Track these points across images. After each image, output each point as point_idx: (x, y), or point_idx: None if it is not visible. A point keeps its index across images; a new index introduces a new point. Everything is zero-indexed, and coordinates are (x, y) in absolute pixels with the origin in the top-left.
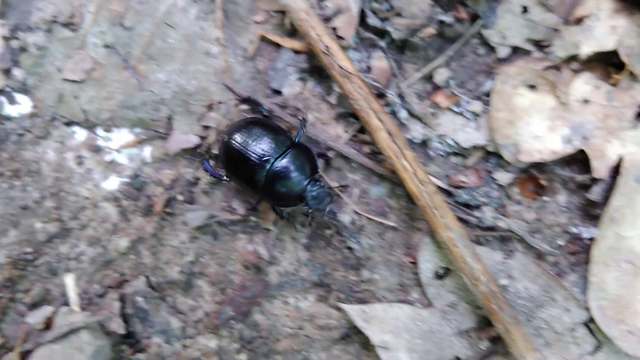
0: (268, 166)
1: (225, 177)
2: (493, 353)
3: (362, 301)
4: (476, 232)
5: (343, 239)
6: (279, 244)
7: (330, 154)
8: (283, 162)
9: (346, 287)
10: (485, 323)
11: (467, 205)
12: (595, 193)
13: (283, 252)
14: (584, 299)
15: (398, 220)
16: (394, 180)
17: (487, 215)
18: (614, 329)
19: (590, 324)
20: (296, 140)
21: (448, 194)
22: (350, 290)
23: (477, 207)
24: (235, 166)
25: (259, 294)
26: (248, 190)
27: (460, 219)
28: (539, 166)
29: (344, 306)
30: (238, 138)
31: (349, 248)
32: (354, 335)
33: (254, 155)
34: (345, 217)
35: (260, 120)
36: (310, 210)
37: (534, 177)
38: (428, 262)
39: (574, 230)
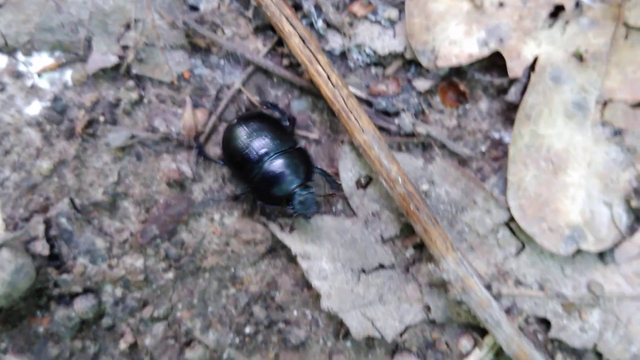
0: (265, 161)
1: (220, 161)
2: (418, 260)
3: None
4: (396, 139)
5: None
6: (203, 162)
7: (250, 68)
8: (279, 161)
9: None
10: (408, 231)
11: (386, 113)
12: (512, 94)
13: (207, 169)
14: (504, 200)
15: (321, 134)
16: (315, 93)
17: (406, 121)
18: (535, 227)
19: (511, 223)
20: (297, 142)
21: (369, 104)
22: None
23: (396, 114)
24: (234, 154)
25: (184, 212)
26: (240, 180)
27: (380, 128)
28: (459, 73)
29: (270, 224)
30: (244, 128)
31: None
32: (279, 249)
33: (254, 148)
34: None
35: (269, 117)
36: (294, 214)
37: (454, 84)
38: (349, 170)
39: (496, 135)
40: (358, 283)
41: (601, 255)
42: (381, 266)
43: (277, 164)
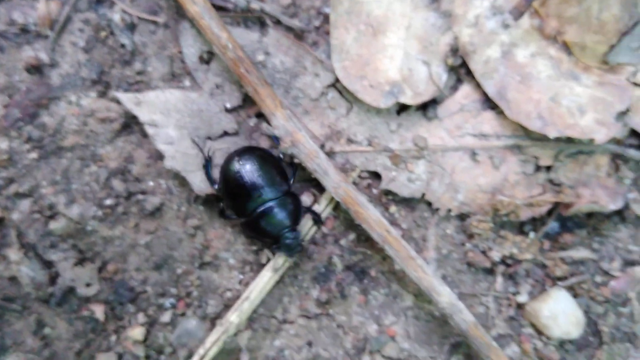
0: (260, 202)
1: (215, 187)
2: (260, 127)
3: (138, 92)
4: (231, 15)
5: (117, 39)
6: (59, 49)
7: None
8: (274, 205)
9: (123, 82)
10: (251, 102)
11: None
12: None
13: (63, 56)
14: (330, 63)
15: (168, 18)
16: None
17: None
18: (357, 84)
19: (338, 85)
20: (291, 187)
21: None
22: (127, 84)
23: None
24: (230, 188)
25: (43, 96)
26: (232, 209)
27: (218, 7)
28: None
29: (119, 95)
30: (244, 165)
31: (123, 45)
32: (134, 125)
33: (252, 186)
34: (115, 16)
35: (269, 156)
36: (277, 253)
37: None
38: (191, 46)
39: (328, 10)
40: (203, 148)
41: (425, 113)
42: (226, 133)
43: (269, 209)
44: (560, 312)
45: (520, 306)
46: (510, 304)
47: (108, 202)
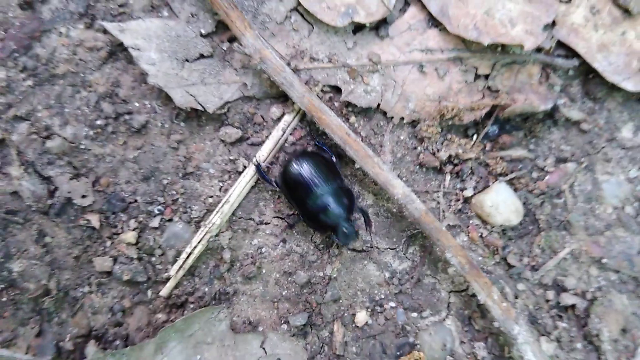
0: (320, 195)
1: (275, 185)
2: (232, 50)
3: (121, 22)
4: None
5: None
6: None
7: None
8: (329, 197)
9: (108, 14)
10: (224, 28)
11: None
12: None
13: None
14: None
15: None
16: None
17: None
18: (317, 6)
19: (299, 8)
20: (343, 181)
21: None
22: (111, 16)
23: None
24: (290, 184)
25: (36, 29)
26: (291, 203)
27: None
28: None
29: (104, 24)
30: (302, 163)
31: None
32: (119, 52)
33: (312, 182)
34: None
35: (323, 157)
36: (336, 241)
37: None
38: None
39: None
40: (182, 69)
41: (378, 32)
42: (202, 56)
43: (327, 200)
44: (501, 202)
45: (467, 200)
46: (458, 198)
47: (98, 122)
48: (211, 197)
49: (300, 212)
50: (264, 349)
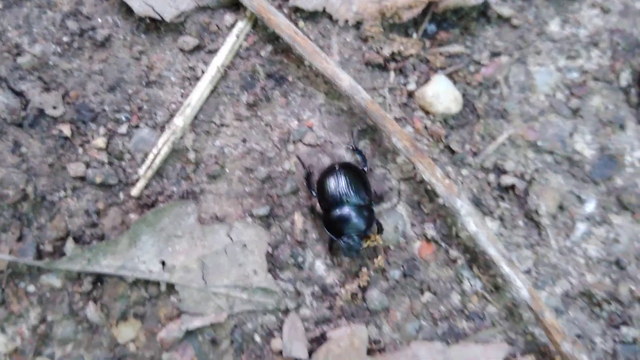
0: (348, 206)
1: (313, 192)
2: None
3: None
4: None
5: None
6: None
7: None
8: (352, 210)
9: None
10: None
11: None
12: None
13: None
14: None
15: None
16: None
17: None
18: None
19: None
20: (372, 200)
21: None
22: None
23: None
24: (325, 190)
25: None
26: (320, 204)
27: None
28: None
29: None
30: (340, 174)
31: None
32: None
33: (341, 192)
34: None
35: (361, 173)
36: (339, 247)
37: None
38: None
39: None
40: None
41: None
42: None
43: (349, 212)
44: (441, 92)
45: (410, 94)
46: (402, 92)
47: (65, 39)
48: (174, 103)
49: (323, 214)
50: (230, 237)
